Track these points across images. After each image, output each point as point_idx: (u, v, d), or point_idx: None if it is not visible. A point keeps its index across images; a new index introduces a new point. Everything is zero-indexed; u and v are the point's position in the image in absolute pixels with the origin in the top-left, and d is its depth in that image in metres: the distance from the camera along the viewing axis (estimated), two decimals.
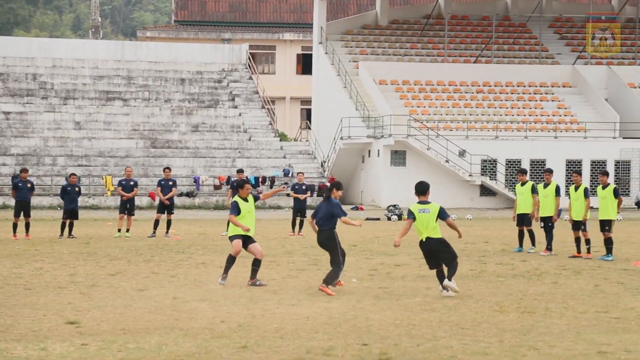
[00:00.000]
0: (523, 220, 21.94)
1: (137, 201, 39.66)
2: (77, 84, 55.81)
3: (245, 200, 15.36)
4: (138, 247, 22.56)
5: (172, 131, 53.05)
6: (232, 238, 15.41)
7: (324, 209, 14.68)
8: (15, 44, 58.21)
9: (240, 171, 27.84)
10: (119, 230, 26.57)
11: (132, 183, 26.93)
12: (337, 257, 14.56)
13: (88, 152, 49.99)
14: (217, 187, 47.65)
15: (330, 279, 14.41)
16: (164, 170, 27.66)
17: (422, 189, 14.13)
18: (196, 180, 47.58)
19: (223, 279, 15.35)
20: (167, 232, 26.62)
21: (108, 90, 55.85)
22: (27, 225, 25.57)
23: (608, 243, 20.12)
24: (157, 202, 32.12)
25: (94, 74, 57.01)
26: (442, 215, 13.95)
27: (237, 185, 15.58)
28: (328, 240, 14.60)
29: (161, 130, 52.93)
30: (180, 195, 45.21)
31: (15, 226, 25.43)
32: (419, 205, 14.07)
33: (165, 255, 20.50)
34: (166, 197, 26.69)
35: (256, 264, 15.36)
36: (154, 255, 20.44)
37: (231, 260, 15.43)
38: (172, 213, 27.02)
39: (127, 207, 26.61)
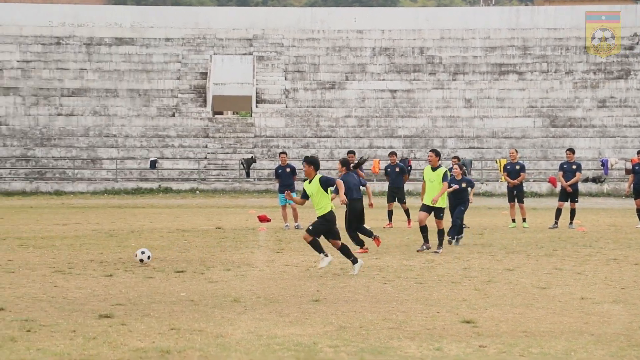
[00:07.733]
0: None
1: (536, 187, 39.70)
2: (467, 57, 56.90)
3: None
4: (538, 240, 22.58)
5: (574, 107, 52.41)
6: None
7: None
8: (400, 16, 60.67)
9: None
10: (514, 220, 26.82)
11: (518, 167, 26.98)
12: None
13: (480, 133, 50.83)
14: (628, 172, 46.25)
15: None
16: (566, 152, 27.38)
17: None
18: (604, 164, 46.57)
19: None
20: (571, 222, 26.44)
21: (501, 62, 56.35)
22: (407, 212, 26.86)
23: None
24: (558, 188, 32.01)
25: (486, 45, 57.78)
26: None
27: None
28: None
29: (562, 107, 52.48)
30: (586, 180, 44.49)
31: (390, 213, 26.99)
32: None
33: (569, 249, 20.33)
34: (569, 183, 26.43)
35: None
36: (557, 249, 20.34)
37: None
38: (577, 201, 26.74)
39: (515, 195, 26.79)
